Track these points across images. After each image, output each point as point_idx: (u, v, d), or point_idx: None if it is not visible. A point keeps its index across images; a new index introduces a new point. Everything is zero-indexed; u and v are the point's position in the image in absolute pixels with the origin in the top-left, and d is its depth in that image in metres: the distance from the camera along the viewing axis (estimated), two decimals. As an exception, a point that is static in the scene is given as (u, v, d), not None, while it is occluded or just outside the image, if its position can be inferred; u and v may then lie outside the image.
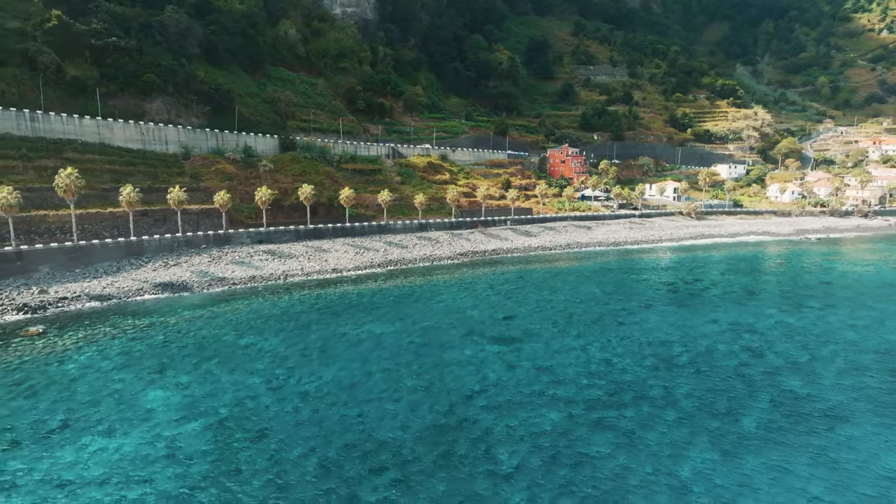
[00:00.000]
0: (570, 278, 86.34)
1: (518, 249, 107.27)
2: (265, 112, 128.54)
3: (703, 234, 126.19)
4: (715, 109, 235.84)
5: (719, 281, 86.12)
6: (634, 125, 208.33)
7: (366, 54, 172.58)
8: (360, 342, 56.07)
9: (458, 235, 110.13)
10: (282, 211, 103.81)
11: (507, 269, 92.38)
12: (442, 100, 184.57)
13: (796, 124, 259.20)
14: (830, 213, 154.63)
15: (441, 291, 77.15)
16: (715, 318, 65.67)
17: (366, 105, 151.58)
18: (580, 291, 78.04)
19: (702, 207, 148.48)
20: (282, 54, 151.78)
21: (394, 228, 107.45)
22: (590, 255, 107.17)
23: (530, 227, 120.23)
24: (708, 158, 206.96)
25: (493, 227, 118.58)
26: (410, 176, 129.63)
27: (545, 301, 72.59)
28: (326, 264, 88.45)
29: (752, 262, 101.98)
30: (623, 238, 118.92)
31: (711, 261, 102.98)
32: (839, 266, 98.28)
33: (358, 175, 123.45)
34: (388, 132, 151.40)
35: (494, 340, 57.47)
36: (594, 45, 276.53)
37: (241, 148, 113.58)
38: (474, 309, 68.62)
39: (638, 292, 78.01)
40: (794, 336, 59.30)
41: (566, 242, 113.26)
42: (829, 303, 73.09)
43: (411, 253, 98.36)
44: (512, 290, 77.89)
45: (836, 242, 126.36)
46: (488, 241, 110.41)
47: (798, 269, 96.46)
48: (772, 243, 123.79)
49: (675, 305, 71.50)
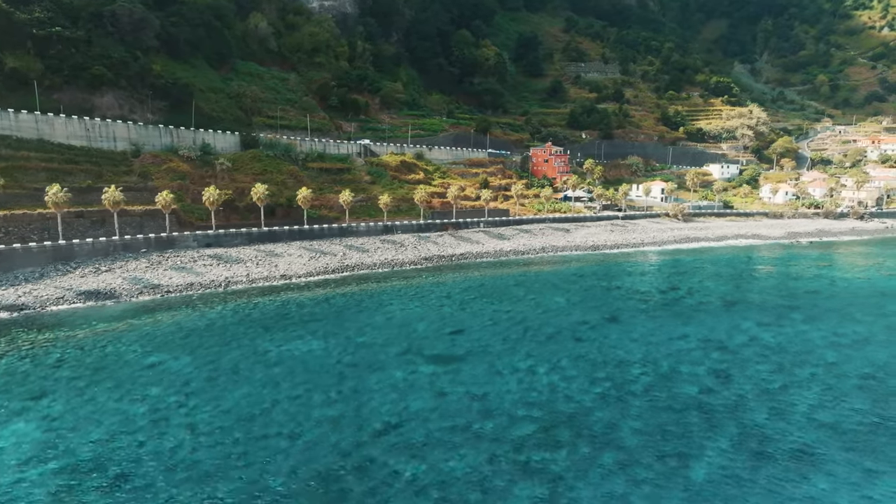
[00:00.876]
0: (536, 286, 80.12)
1: (488, 254, 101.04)
2: (229, 108, 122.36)
3: (687, 238, 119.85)
4: (709, 107, 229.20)
5: (698, 289, 79.89)
6: (625, 123, 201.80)
7: (343, 49, 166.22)
8: (281, 362, 49.95)
9: (426, 238, 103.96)
10: (237, 212, 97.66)
11: (472, 276, 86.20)
12: (423, 97, 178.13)
13: (793, 123, 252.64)
14: (824, 216, 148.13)
15: (392, 300, 71.01)
16: (684, 333, 59.47)
17: (339, 101, 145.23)
18: (544, 301, 71.83)
19: (689, 209, 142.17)
20: (252, 48, 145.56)
21: (356, 231, 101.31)
22: (564, 259, 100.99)
23: (504, 230, 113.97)
24: (700, 158, 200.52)
25: (464, 229, 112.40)
26: (381, 175, 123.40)
27: (503, 312, 66.40)
28: (275, 270, 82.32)
29: (736, 268, 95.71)
30: (602, 242, 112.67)
31: (693, 266, 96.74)
32: (829, 273, 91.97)
33: (324, 174, 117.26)
34: (362, 130, 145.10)
35: (433, 360, 51.32)
36: (586, 41, 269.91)
37: (199, 145, 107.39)
38: (422, 321, 62.48)
39: (607, 302, 71.79)
40: (769, 356, 53.07)
41: (541, 246, 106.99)
42: (812, 315, 66.82)
43: (371, 257, 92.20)
44: (469, 300, 71.70)
45: (829, 246, 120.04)
46: (457, 244, 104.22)
47: (784, 275, 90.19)
48: (760, 247, 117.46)
49: (644, 317, 65.27)
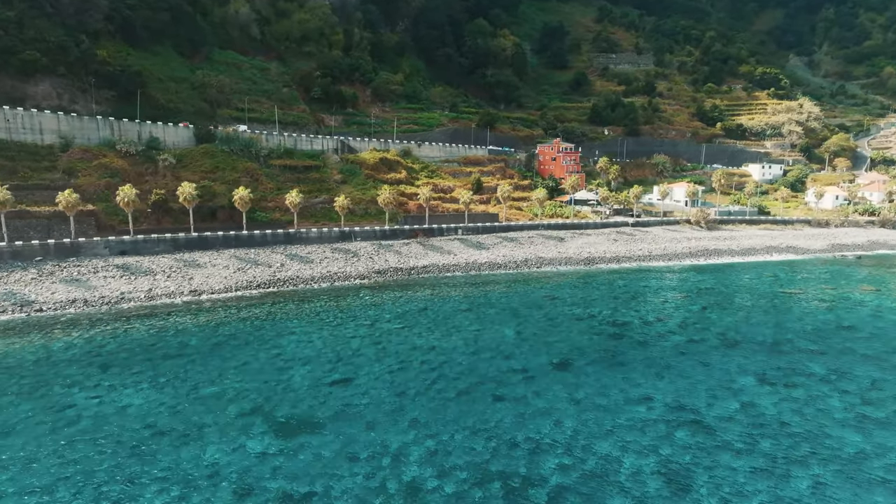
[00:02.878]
0: (490, 312, 64.89)
1: (457, 266, 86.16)
2: (190, 99, 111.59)
3: (706, 251, 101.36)
4: (752, 101, 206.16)
5: (695, 321, 62.88)
6: (653, 119, 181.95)
7: (338, 37, 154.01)
8: (72, 423, 37.14)
9: (388, 247, 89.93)
10: (170, 214, 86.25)
11: (419, 295, 71.65)
12: (427, 88, 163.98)
13: (852, 119, 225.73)
14: (881, 224, 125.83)
15: (298, 328, 57.43)
16: (650, 395, 43.40)
17: (322, 93, 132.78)
18: (487, 335, 56.72)
19: (715, 215, 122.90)
20: (231, 36, 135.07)
21: (306, 238, 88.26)
22: (546, 276, 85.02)
23: (485, 238, 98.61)
24: (738, 157, 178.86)
25: (438, 236, 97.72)
26: (354, 174, 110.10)
27: (423, 351, 51.79)
28: (187, 284, 70.07)
29: (755, 292, 77.55)
30: (600, 254, 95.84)
31: (702, 288, 79.16)
32: (875, 300, 72.79)
33: (288, 172, 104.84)
34: (346, 124, 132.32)
35: (277, 429, 37.40)
36: (619, 31, 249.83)
37: (145, 139, 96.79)
38: (308, 364, 48.57)
39: (567, 338, 56.00)
40: (759, 441, 36.61)
41: (524, 258, 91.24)
42: (839, 367, 49.25)
43: (313, 270, 78.94)
44: (393, 331, 57.32)
45: (882, 263, 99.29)
46: (424, 254, 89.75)
47: (816, 302, 71.66)
48: (795, 263, 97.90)
49: (605, 364, 49.34)
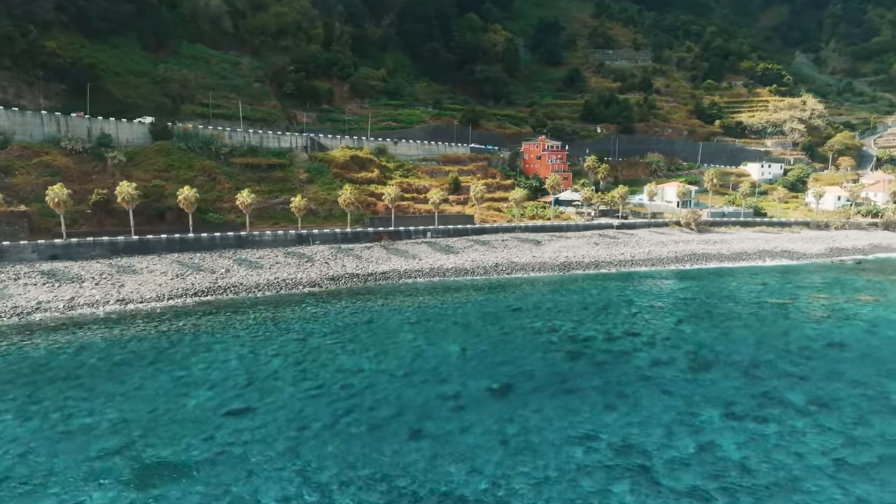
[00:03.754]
0: (440, 325, 58.71)
1: (421, 272, 79.97)
2: (150, 94, 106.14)
3: (693, 255, 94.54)
4: (753, 98, 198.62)
5: (666, 336, 56.38)
6: (649, 116, 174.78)
7: (317, 31, 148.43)
8: None
9: (347, 252, 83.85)
10: (113, 216, 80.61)
11: (370, 305, 65.59)
12: (412, 85, 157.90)
13: (859, 116, 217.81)
14: (884, 226, 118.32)
15: (221, 343, 51.58)
16: (595, 432, 37.11)
17: (295, 88, 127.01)
18: (429, 352, 50.61)
19: (707, 216, 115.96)
20: (202, 29, 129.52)
21: (260, 241, 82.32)
22: (516, 282, 78.68)
23: (456, 241, 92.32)
24: (737, 156, 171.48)
25: (405, 239, 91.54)
26: (322, 173, 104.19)
27: (347, 373, 45.79)
28: (116, 292, 64.35)
29: (739, 301, 70.82)
30: (578, 258, 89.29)
31: (682, 296, 72.56)
32: (871, 311, 65.92)
33: (249, 171, 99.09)
34: (320, 120, 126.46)
35: (137, 476, 31.65)
36: (617, 27, 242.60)
37: (96, 136, 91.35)
38: (211, 388, 42.68)
39: (516, 358, 49.74)
40: (711, 499, 30.14)
41: (494, 263, 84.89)
42: (822, 395, 42.66)
43: (261, 276, 73.03)
44: (322, 349, 51.33)
45: (884, 269, 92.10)
46: (387, 258, 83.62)
47: (804, 315, 64.88)
48: (789, 269, 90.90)
49: (550, 392, 43.08)
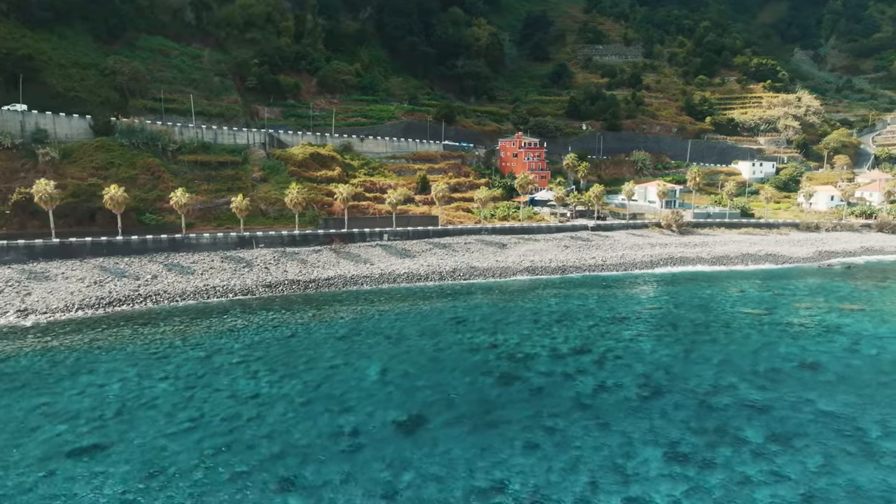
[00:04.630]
0: (368, 340, 52.59)
1: (370, 278, 73.83)
2: (97, 88, 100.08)
3: (670, 258, 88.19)
4: (746, 94, 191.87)
5: (620, 354, 50.13)
6: (636, 113, 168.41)
7: (288, 24, 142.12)
8: None
9: (292, 256, 77.70)
10: (37, 217, 74.60)
11: (298, 317, 59.53)
12: (388, 80, 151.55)
13: (857, 113, 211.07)
14: (878, 228, 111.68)
15: (101, 366, 45.51)
16: (503, 481, 31.08)
17: (258, 82, 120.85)
18: (340, 374, 44.60)
19: (691, 217, 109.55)
20: (162, 20, 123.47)
21: (196, 244, 76.27)
22: (472, 289, 72.47)
23: (414, 244, 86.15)
24: (728, 154, 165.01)
25: (359, 241, 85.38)
26: (278, 171, 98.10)
27: (238, 400, 39.82)
28: (19, 302, 58.81)
29: (711, 312, 64.50)
30: (544, 262, 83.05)
31: (649, 306, 66.31)
32: (854, 325, 59.50)
33: (199, 169, 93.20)
34: (284, 116, 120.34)
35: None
36: (608, 22, 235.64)
37: (31, 131, 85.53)
38: (71, 420, 36.78)
39: (440, 382, 43.61)
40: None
41: (452, 268, 78.67)
42: (783, 433, 36.36)
43: (189, 283, 67.01)
44: (221, 370, 45.29)
45: (874, 275, 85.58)
46: (336, 263, 77.48)
47: (780, 328, 58.50)
48: (772, 274, 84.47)
49: (468, 426, 36.97)
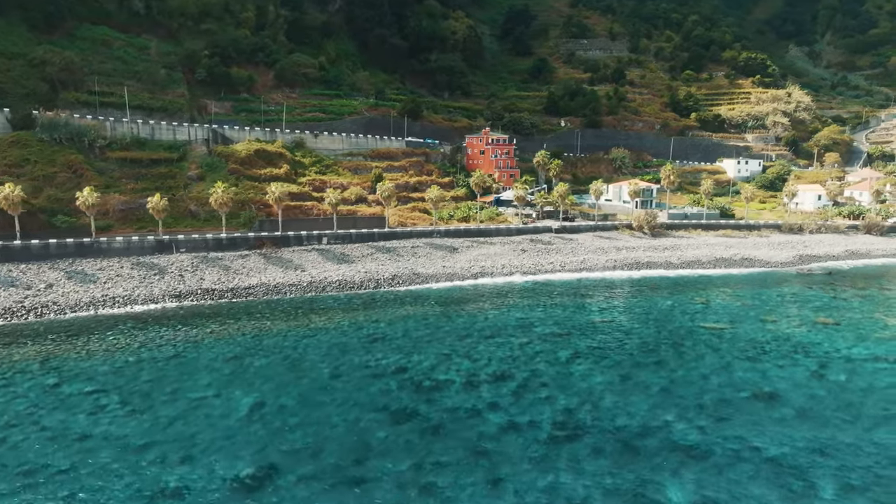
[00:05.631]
0: (259, 363, 45.61)
1: (296, 286, 66.85)
2: (24, 79, 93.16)
3: (637, 263, 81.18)
4: (734, 90, 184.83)
5: (542, 383, 43.19)
6: (618, 109, 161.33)
7: (248, 15, 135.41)
8: None
9: (215, 262, 70.65)
10: (-70, 219, 67.70)
11: (195, 332, 52.58)
12: (356, 73, 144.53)
13: (850, 110, 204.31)
14: (866, 230, 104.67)
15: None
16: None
17: (207, 75, 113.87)
18: (203, 408, 37.70)
19: (665, 218, 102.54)
20: (107, 10, 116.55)
21: (107, 249, 69.20)
22: (409, 297, 65.47)
23: (356, 248, 79.10)
24: (713, 151, 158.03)
25: (295, 245, 78.25)
26: (216, 169, 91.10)
27: (54, 445, 32.73)
28: None
29: (665, 327, 57.47)
30: (496, 268, 76.07)
31: (597, 318, 59.30)
32: (826, 343, 52.39)
33: (128, 167, 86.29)
34: (235, 111, 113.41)
35: None
36: (594, 16, 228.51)
37: (-61, 126, 78.70)
38: None
39: (322, 418, 36.74)
40: None
41: (392, 275, 71.69)
42: (716, 495, 29.22)
43: (88, 293, 60.13)
44: (69, 401, 38.36)
45: (857, 282, 78.50)
46: (262, 270, 70.43)
47: (739, 347, 51.42)
48: (745, 281, 77.43)
49: (324, 484, 30.09)
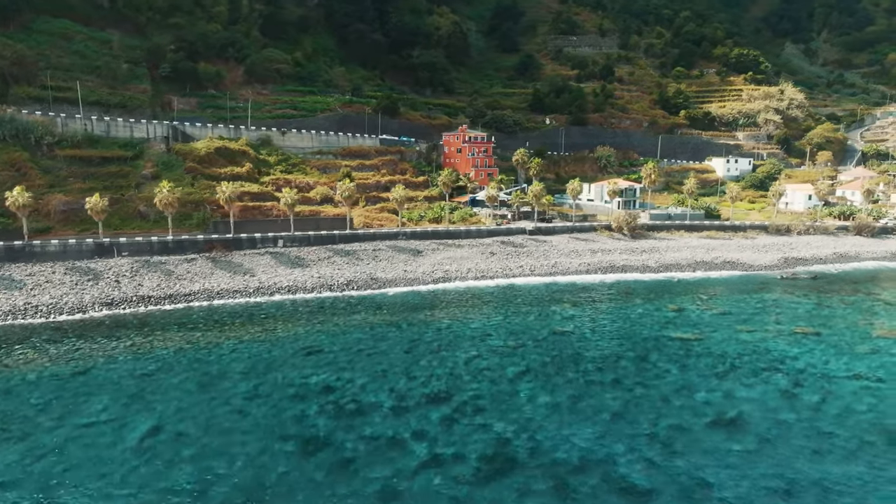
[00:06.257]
0: (171, 381, 41.31)
1: (243, 292, 62.52)
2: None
3: (611, 266, 76.80)
4: (726, 87, 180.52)
5: (483, 404, 38.98)
6: (605, 106, 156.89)
7: (221, 9, 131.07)
8: None
9: (158, 266, 66.20)
10: None
11: (116, 346, 48.12)
12: (333, 69, 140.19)
13: (845, 108, 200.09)
14: (856, 231, 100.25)
15: None
16: None
17: (172, 70, 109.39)
18: (91, 434, 33.72)
19: (647, 218, 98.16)
20: (69, 2, 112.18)
21: (41, 253, 64.66)
22: (363, 305, 61.11)
23: (313, 251, 74.60)
24: (703, 150, 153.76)
25: (247, 249, 73.71)
26: (173, 168, 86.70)
27: None
28: None
29: (629, 337, 53.16)
30: (461, 272, 71.73)
31: (557, 328, 54.99)
32: (804, 357, 48.01)
33: (77, 165, 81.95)
34: (201, 107, 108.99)
35: None
36: (584, 12, 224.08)
37: None
38: None
39: (219, 450, 32.62)
40: None
41: (347, 279, 67.33)
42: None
43: (6, 302, 55.65)
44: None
45: (843, 287, 74.09)
46: (208, 275, 66.02)
47: (706, 362, 47.05)
48: (725, 285, 73.05)
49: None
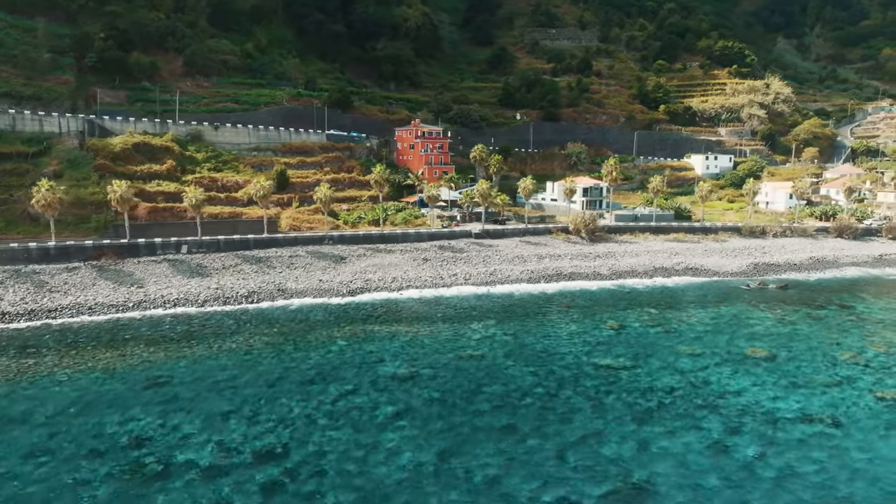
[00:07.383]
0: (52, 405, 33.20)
1: (120, 306, 54.48)
2: None
3: (558, 273, 68.73)
4: (709, 81, 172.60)
5: (336, 459, 30.92)
6: (579, 101, 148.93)
7: None
8: None
9: (29, 276, 58.13)
10: None
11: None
12: (286, 60, 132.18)
13: (835, 103, 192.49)
14: (837, 233, 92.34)
15: None
16: None
17: (98, 60, 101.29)
18: None
19: (611, 220, 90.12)
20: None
21: None
22: (259, 320, 53.09)
23: (220, 258, 66.49)
24: (682, 146, 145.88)
25: (144, 255, 65.59)
26: (80, 165, 78.64)
27: None
28: None
29: (545, 363, 45.16)
30: (385, 281, 63.72)
31: (464, 352, 47.03)
32: (748, 389, 40.03)
33: (-32, 162, 73.89)
34: (130, 100, 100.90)
35: None
36: (564, 4, 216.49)
37: None
38: None
39: None
40: None
41: (249, 291, 59.30)
42: None
43: None
44: None
45: (815, 295, 66.01)
46: (90, 286, 58.00)
47: (631, 397, 39.07)
48: (684, 294, 64.98)
49: None
